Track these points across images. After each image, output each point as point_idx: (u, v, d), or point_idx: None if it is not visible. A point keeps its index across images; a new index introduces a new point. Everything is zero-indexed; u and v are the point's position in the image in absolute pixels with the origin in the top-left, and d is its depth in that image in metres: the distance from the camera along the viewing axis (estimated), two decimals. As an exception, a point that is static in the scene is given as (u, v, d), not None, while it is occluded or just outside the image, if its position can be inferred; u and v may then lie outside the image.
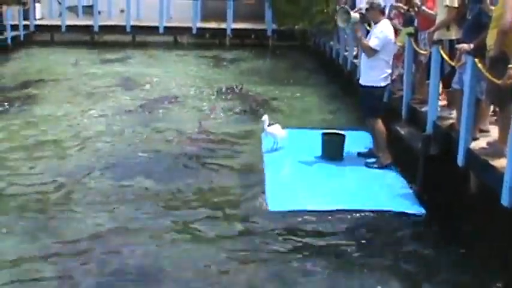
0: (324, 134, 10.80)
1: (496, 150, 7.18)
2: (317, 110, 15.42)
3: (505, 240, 6.77)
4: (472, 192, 7.74)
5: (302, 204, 8.65)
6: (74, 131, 12.68)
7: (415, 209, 8.57)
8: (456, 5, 8.98)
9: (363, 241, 7.72)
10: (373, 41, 10.06)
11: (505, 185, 6.36)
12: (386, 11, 11.90)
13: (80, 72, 20.86)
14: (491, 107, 8.39)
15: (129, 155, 11.00)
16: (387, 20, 10.44)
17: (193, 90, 17.47)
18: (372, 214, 8.43)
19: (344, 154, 10.63)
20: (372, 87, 10.17)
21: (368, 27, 11.52)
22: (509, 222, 6.49)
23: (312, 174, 10.05)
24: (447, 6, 9.05)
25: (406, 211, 8.49)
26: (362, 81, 10.41)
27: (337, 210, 8.44)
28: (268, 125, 11.29)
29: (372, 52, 10.05)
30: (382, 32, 10.07)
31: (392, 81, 10.96)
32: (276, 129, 11.30)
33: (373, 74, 10.15)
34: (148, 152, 11.19)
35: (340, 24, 10.74)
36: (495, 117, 8.46)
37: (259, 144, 11.60)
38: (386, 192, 9.22)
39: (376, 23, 10.27)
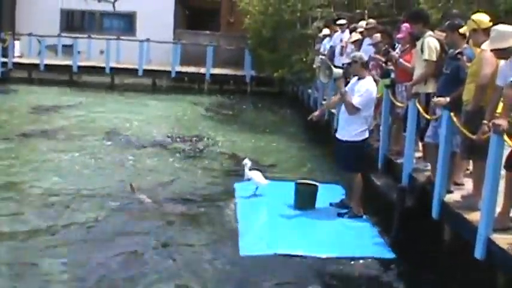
0: (297, 184, 10.84)
1: (470, 203, 7.25)
2: (292, 160, 15.42)
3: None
4: (446, 245, 7.77)
5: (273, 248, 8.70)
6: (36, 176, 12.35)
7: (386, 255, 8.63)
8: (435, 59, 9.09)
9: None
10: (356, 99, 9.77)
11: (479, 238, 6.41)
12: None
13: (54, 113, 20.79)
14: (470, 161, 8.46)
15: (98, 208, 10.50)
16: (371, 77, 10.25)
17: (170, 139, 17.17)
18: (343, 261, 8.44)
19: (316, 204, 10.64)
20: (351, 141, 9.98)
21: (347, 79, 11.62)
22: (482, 275, 6.54)
23: (284, 222, 10.07)
24: (426, 60, 9.13)
25: (377, 257, 8.55)
26: (339, 136, 10.18)
27: (307, 256, 8.49)
28: (250, 169, 11.40)
29: (354, 110, 9.78)
30: (367, 90, 9.85)
31: (370, 131, 11.01)
32: (258, 176, 11.41)
33: (350, 129, 9.95)
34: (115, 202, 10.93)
35: (322, 79, 10.68)
36: (468, 171, 8.58)
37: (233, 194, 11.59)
38: (358, 240, 9.25)
39: (359, 78, 10.05)
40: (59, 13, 33.18)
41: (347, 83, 10.69)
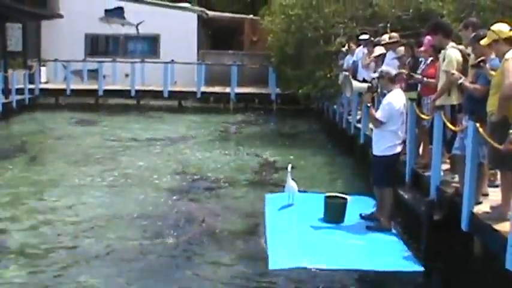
0: (326, 197, 10.86)
1: (499, 214, 7.19)
2: (320, 175, 15.44)
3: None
4: (476, 257, 7.70)
5: (301, 262, 8.72)
6: (65, 196, 12.67)
7: (415, 267, 8.62)
8: (454, 70, 9.02)
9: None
10: (378, 113, 10.00)
11: (509, 250, 6.34)
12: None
13: (80, 137, 21.05)
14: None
15: (129, 230, 10.58)
16: (399, 90, 10.27)
17: (199, 159, 17.29)
18: (371, 274, 8.48)
19: (346, 217, 10.63)
20: (380, 156, 10.11)
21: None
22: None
23: (313, 235, 10.10)
24: (445, 71, 9.10)
25: (405, 270, 8.55)
26: (373, 151, 10.37)
27: (336, 270, 8.52)
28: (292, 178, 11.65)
29: (377, 123, 10.00)
30: (390, 103, 9.92)
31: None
32: (294, 185, 11.60)
33: (380, 144, 10.11)
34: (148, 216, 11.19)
35: (347, 94, 10.90)
36: (491, 179, 8.53)
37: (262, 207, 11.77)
38: (386, 253, 9.24)
39: (387, 91, 10.24)
40: (84, 38, 33.54)
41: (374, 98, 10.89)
